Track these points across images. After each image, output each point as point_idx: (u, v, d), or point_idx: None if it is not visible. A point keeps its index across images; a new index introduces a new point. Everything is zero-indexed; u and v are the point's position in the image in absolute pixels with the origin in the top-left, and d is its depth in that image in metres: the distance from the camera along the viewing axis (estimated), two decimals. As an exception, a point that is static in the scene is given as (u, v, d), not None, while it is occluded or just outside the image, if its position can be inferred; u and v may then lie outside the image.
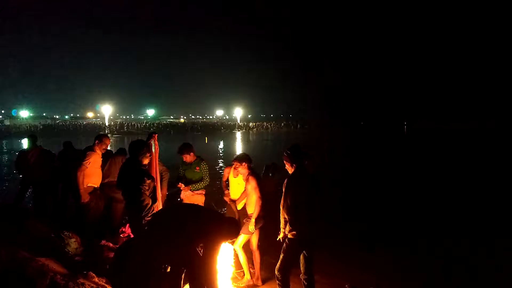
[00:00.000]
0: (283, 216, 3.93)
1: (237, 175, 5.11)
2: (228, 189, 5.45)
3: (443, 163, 18.94)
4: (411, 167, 17.11)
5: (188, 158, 5.65)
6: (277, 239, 4.11)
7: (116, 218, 5.86)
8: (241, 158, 4.83)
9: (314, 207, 3.93)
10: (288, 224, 3.86)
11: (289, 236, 3.85)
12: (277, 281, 3.94)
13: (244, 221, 4.75)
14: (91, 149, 5.85)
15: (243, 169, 4.80)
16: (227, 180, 5.47)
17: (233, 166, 5.01)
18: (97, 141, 5.92)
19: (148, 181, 4.09)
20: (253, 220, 4.54)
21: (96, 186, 5.78)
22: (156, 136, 4.86)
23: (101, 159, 5.93)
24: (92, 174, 5.70)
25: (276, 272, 3.93)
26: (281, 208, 3.95)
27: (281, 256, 3.93)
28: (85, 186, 5.59)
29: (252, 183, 4.68)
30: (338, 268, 5.23)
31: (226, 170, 5.50)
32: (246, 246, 4.74)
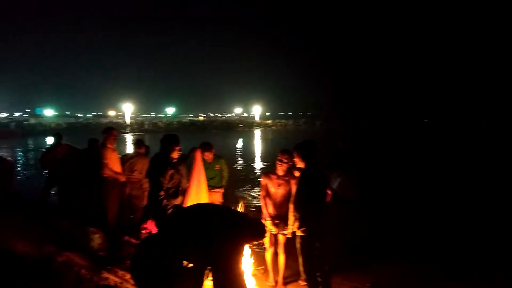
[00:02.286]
0: (293, 212, 3.93)
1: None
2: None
3: (461, 161, 18.47)
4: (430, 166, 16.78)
5: (210, 156, 5.69)
6: (285, 235, 4.13)
7: (137, 214, 5.98)
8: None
9: (324, 204, 3.91)
10: (297, 220, 3.85)
11: (299, 233, 3.84)
12: (305, 283, 3.92)
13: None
14: (102, 145, 5.95)
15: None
16: (267, 190, 4.56)
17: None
18: (105, 135, 5.99)
19: (169, 173, 4.15)
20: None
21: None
22: (199, 151, 4.82)
23: (116, 152, 6.01)
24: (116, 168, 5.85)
25: (302, 274, 3.92)
26: (291, 204, 3.95)
27: (299, 258, 3.91)
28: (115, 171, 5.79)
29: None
30: (353, 268, 5.14)
31: (264, 179, 4.61)
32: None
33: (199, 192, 4.61)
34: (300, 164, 3.99)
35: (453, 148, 26.52)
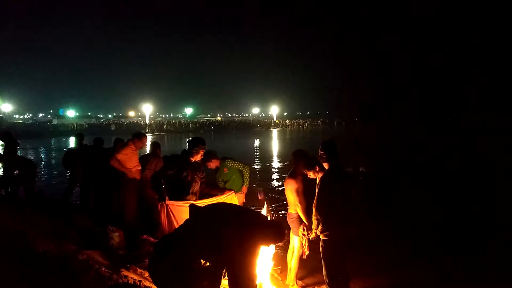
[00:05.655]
0: (315, 216, 3.79)
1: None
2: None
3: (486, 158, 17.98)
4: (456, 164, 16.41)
5: (212, 165, 5.62)
6: (310, 239, 4.03)
7: (155, 212, 6.03)
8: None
9: (348, 207, 3.78)
10: (320, 224, 3.73)
11: (322, 237, 3.74)
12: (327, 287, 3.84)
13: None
14: (126, 144, 6.04)
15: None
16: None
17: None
18: (136, 138, 6.07)
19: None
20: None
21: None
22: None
23: (136, 152, 6.08)
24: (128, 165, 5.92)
25: (325, 278, 3.84)
26: (313, 208, 3.84)
27: (323, 263, 3.82)
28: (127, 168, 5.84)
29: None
30: (372, 270, 5.09)
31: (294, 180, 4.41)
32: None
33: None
34: (324, 165, 3.89)
35: (476, 145, 25.92)
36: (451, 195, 10.18)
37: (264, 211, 4.70)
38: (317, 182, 3.91)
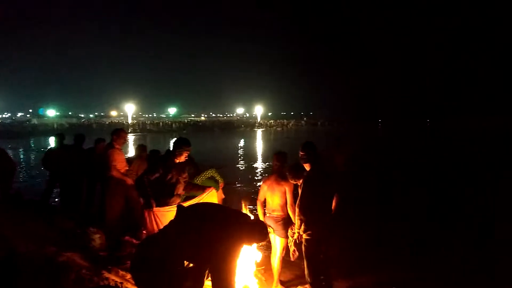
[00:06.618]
0: (298, 216, 3.84)
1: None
2: None
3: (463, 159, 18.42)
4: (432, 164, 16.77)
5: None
6: (292, 239, 4.07)
7: (137, 214, 5.98)
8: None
9: (329, 207, 3.86)
10: (303, 224, 3.79)
11: (305, 236, 3.80)
12: (309, 286, 3.89)
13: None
14: (111, 146, 5.95)
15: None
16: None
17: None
18: (114, 136, 5.97)
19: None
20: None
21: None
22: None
23: (123, 153, 6.03)
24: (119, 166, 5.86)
25: (306, 277, 3.89)
26: (296, 208, 3.88)
27: (305, 262, 3.88)
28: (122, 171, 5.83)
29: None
30: (356, 269, 5.13)
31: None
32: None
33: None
34: (306, 166, 3.94)
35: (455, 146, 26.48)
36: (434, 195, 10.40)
37: (245, 211, 4.71)
38: (299, 183, 3.97)
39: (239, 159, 19.77)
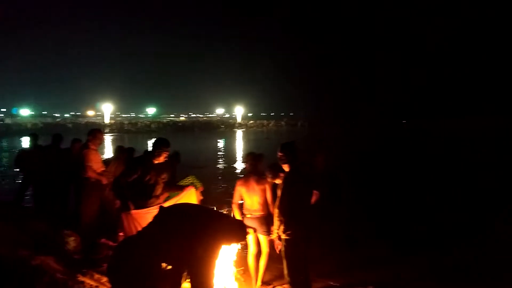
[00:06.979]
0: (278, 217, 3.86)
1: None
2: None
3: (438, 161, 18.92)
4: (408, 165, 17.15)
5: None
6: (269, 239, 4.10)
7: (113, 216, 5.87)
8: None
9: (308, 206, 3.90)
10: (282, 224, 3.81)
11: (284, 237, 3.81)
12: (289, 286, 3.89)
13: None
14: (86, 147, 5.83)
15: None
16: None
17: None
18: (90, 136, 5.85)
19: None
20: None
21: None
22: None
23: (99, 154, 5.92)
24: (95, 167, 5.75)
25: (286, 277, 3.90)
26: (276, 209, 3.91)
27: (285, 262, 3.90)
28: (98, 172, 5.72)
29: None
30: (330, 269, 5.16)
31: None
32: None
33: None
34: (284, 167, 3.96)
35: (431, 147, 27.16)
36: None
37: (224, 211, 4.72)
38: (278, 184, 4.00)
39: (220, 160, 19.73)
